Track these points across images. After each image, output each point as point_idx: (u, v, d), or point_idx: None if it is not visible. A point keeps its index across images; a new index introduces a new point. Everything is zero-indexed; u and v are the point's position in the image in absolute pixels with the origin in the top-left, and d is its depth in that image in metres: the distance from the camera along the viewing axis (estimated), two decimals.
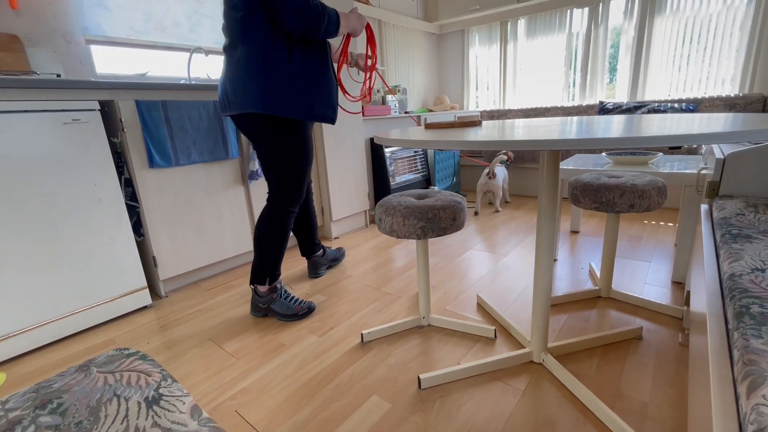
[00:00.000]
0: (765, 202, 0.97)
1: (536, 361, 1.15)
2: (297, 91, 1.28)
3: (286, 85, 1.26)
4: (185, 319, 1.55)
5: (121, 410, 0.39)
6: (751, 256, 0.67)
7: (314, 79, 1.31)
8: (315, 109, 1.34)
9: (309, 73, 1.30)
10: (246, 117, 1.31)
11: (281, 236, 1.46)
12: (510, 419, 0.95)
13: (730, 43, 2.80)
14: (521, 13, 3.53)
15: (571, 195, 1.42)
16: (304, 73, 1.28)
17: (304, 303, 1.52)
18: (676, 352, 1.16)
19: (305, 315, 1.50)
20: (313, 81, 1.31)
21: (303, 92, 1.29)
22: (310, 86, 1.31)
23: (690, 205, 1.53)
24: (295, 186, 1.44)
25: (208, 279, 1.94)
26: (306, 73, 1.29)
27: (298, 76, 1.27)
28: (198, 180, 1.79)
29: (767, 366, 0.41)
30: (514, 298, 1.54)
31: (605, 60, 3.31)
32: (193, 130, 1.72)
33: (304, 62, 1.28)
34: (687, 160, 1.82)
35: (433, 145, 0.80)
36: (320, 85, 1.33)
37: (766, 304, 0.52)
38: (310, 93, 1.31)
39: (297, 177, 1.43)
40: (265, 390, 1.11)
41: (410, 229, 1.16)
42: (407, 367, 1.17)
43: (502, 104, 3.91)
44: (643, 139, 0.57)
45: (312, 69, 1.30)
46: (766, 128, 0.54)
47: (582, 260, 1.87)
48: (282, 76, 1.25)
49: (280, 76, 1.25)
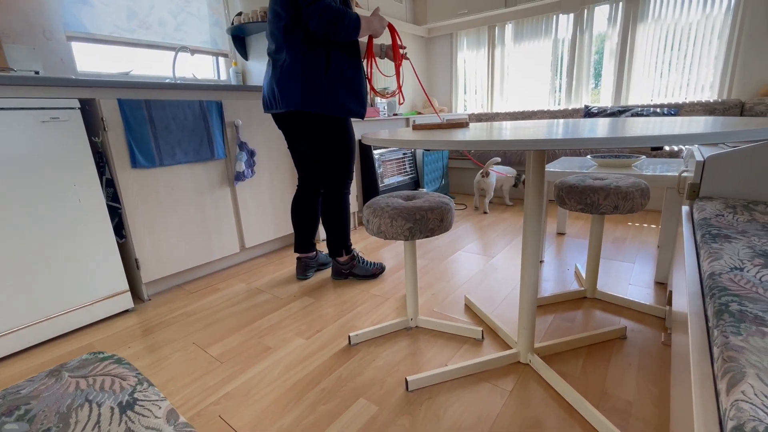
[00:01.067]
0: (743, 203, 0.99)
1: (523, 361, 1.16)
2: (332, 90, 1.44)
3: (323, 85, 1.42)
4: (168, 323, 1.51)
5: (92, 416, 0.37)
6: (730, 255, 0.68)
7: (347, 79, 1.47)
8: (347, 106, 1.49)
9: (343, 75, 1.45)
10: (290, 115, 1.50)
11: (345, 214, 1.72)
12: (497, 420, 0.95)
13: (709, 50, 2.88)
14: (508, 18, 3.58)
15: (557, 197, 1.44)
16: (338, 75, 1.44)
17: (377, 264, 1.85)
18: (659, 352, 1.18)
19: (380, 273, 1.85)
20: (346, 81, 1.46)
21: (337, 91, 1.45)
22: (344, 86, 1.46)
23: (672, 207, 1.56)
24: (341, 174, 1.65)
25: (192, 282, 1.90)
26: (340, 74, 1.45)
27: (333, 77, 1.43)
28: (183, 181, 1.76)
29: (746, 362, 0.41)
30: (502, 299, 1.55)
31: (590, 65, 3.38)
32: (177, 130, 1.69)
33: (339, 64, 1.43)
34: (669, 163, 1.86)
35: (421, 145, 0.80)
36: (352, 84, 1.49)
37: (744, 301, 0.53)
38: (343, 92, 1.47)
39: (342, 163, 1.63)
40: (249, 394, 1.09)
41: (398, 230, 1.15)
42: (395, 369, 1.16)
43: (489, 108, 3.95)
44: (627, 139, 0.58)
45: (345, 70, 1.46)
46: (741, 129, 0.56)
47: (568, 261, 1.89)
48: (319, 78, 1.41)
49: (318, 78, 1.41)
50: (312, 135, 1.55)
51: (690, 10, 2.88)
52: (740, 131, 0.55)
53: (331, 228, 1.73)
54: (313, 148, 1.59)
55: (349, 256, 1.79)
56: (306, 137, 1.57)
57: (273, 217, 2.19)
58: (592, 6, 3.22)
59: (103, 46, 2.01)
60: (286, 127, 1.58)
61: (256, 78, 2.45)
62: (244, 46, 2.45)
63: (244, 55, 2.47)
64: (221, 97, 1.89)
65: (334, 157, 1.61)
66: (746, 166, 1.04)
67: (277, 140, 2.14)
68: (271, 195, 2.16)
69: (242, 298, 1.69)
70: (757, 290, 0.56)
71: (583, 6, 3.25)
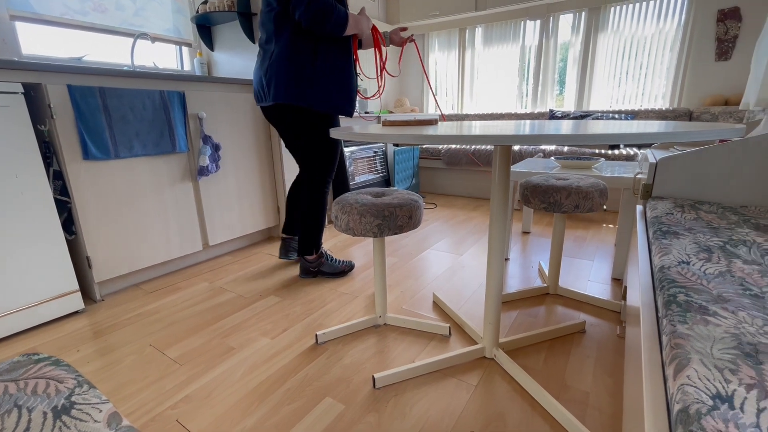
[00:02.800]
0: (690, 203, 1.06)
1: (488, 356, 1.18)
2: (319, 84, 1.41)
3: (310, 78, 1.39)
4: (123, 324, 1.43)
5: (21, 422, 0.34)
6: (678, 250, 0.72)
7: (336, 73, 1.43)
8: (332, 101, 1.46)
9: (331, 69, 1.42)
10: (276, 108, 1.47)
11: (320, 212, 1.68)
12: (462, 414, 0.97)
13: (662, 62, 3.07)
14: (478, 21, 3.66)
15: (522, 196, 1.48)
16: (325, 69, 1.41)
17: (346, 262, 1.81)
18: (614, 344, 1.24)
19: (349, 270, 1.82)
20: (334, 76, 1.43)
21: (323, 86, 1.42)
22: (332, 80, 1.43)
23: (627, 208, 1.65)
24: (322, 169, 1.61)
25: (151, 281, 1.80)
26: (327, 69, 1.41)
27: (320, 71, 1.40)
28: (141, 174, 1.66)
29: (691, 349, 0.43)
30: (469, 296, 1.57)
31: (555, 72, 3.51)
32: (135, 121, 1.60)
33: (326, 59, 1.40)
34: (625, 166, 1.96)
35: (392, 139, 0.79)
36: (341, 79, 1.45)
37: (690, 292, 0.56)
38: (331, 87, 1.43)
39: (324, 161, 1.60)
40: (210, 397, 1.05)
41: (366, 226, 1.14)
42: (362, 367, 1.15)
43: (460, 109, 4.02)
44: (588, 136, 0.60)
45: (333, 65, 1.42)
46: (684, 131, 0.59)
47: (532, 259, 1.95)
48: (307, 70, 1.38)
49: (305, 70, 1.38)
50: (297, 129, 1.53)
51: (645, 23, 3.05)
52: (684, 132, 0.59)
53: (304, 224, 1.69)
54: (298, 139, 1.57)
55: (317, 254, 1.76)
56: (293, 131, 1.54)
57: (239, 214, 2.12)
58: (557, 14, 3.35)
59: (53, 29, 1.87)
60: (274, 120, 1.55)
61: (222, 69, 2.36)
62: (209, 36, 2.36)
63: (209, 45, 2.37)
64: (184, 88, 1.80)
65: (316, 152, 1.58)
66: (692, 169, 1.11)
67: (244, 134, 2.08)
68: (237, 191, 2.09)
69: (205, 298, 1.62)
70: (702, 282, 0.59)
71: (549, 13, 3.37)
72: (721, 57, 2.81)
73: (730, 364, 0.40)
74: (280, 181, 2.27)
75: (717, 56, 2.83)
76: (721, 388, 0.37)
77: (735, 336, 0.45)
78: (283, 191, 2.28)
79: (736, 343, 0.44)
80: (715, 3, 2.77)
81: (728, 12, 2.72)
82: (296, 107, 1.44)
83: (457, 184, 3.51)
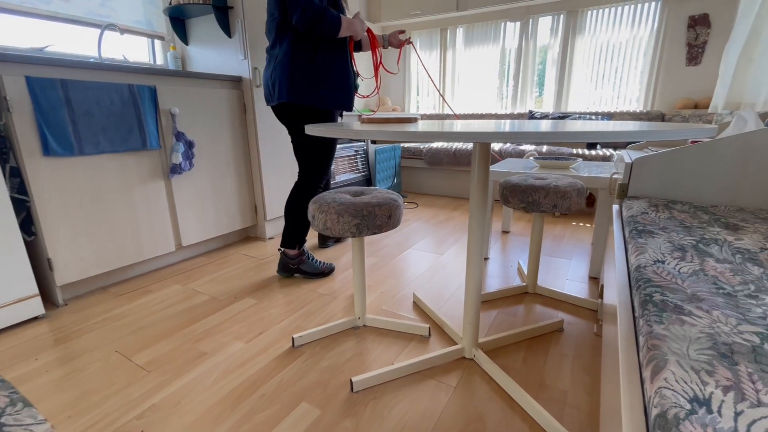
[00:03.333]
0: (664, 202, 1.07)
1: (467, 356, 1.17)
2: (317, 84, 1.50)
3: (308, 79, 1.48)
4: (87, 330, 1.35)
5: None
6: (653, 249, 0.72)
7: (333, 74, 1.52)
8: (331, 99, 1.55)
9: (329, 69, 1.51)
10: (281, 107, 1.56)
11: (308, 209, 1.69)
12: (441, 416, 0.95)
13: (636, 66, 3.16)
14: (460, 22, 3.67)
15: (501, 195, 1.48)
16: (324, 69, 1.50)
17: (326, 264, 1.80)
18: (591, 342, 1.25)
19: (329, 273, 1.79)
20: (332, 76, 1.52)
21: (322, 85, 1.51)
22: (329, 80, 1.52)
23: (604, 207, 1.67)
24: (317, 169, 1.66)
25: (120, 284, 1.72)
26: (326, 69, 1.51)
27: (319, 71, 1.49)
28: (109, 172, 1.58)
29: (668, 350, 0.43)
30: (449, 296, 1.56)
31: (534, 74, 3.56)
32: (102, 116, 1.52)
33: (325, 60, 1.50)
34: (602, 166, 2.00)
35: (371, 135, 0.77)
36: (338, 78, 1.54)
37: (666, 292, 0.56)
38: (328, 85, 1.52)
39: (319, 161, 1.65)
40: (179, 405, 1.00)
41: (345, 226, 1.11)
42: (340, 371, 1.12)
43: (441, 109, 4.03)
44: (566, 134, 0.59)
45: (331, 66, 1.52)
46: (660, 130, 0.59)
47: (511, 258, 1.97)
48: (306, 72, 1.48)
49: (306, 69, 1.48)
50: (300, 128, 1.59)
51: (620, 28, 3.13)
52: (660, 131, 0.58)
53: (292, 217, 1.68)
54: (301, 138, 1.62)
55: (299, 251, 1.73)
56: (297, 130, 1.59)
57: (214, 213, 2.05)
58: (536, 16, 3.40)
59: (11, 17, 1.76)
60: (281, 120, 1.62)
61: (197, 64, 2.28)
62: (184, 29, 2.27)
63: (183, 39, 2.29)
64: (155, 82, 1.73)
65: (312, 152, 1.63)
66: (666, 169, 1.13)
67: (219, 131, 2.01)
68: (212, 190, 2.02)
69: (176, 301, 1.56)
70: (676, 281, 0.59)
71: (529, 15, 3.42)
72: (692, 62, 2.91)
73: (706, 366, 0.40)
74: (258, 180, 2.21)
75: (688, 61, 2.92)
76: (698, 390, 0.36)
77: (710, 336, 0.45)
78: (261, 190, 2.22)
79: (711, 343, 0.43)
80: (686, 9, 2.86)
81: (698, 18, 2.82)
82: (298, 106, 1.53)
83: (438, 183, 3.52)
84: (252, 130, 2.15)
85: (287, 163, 2.35)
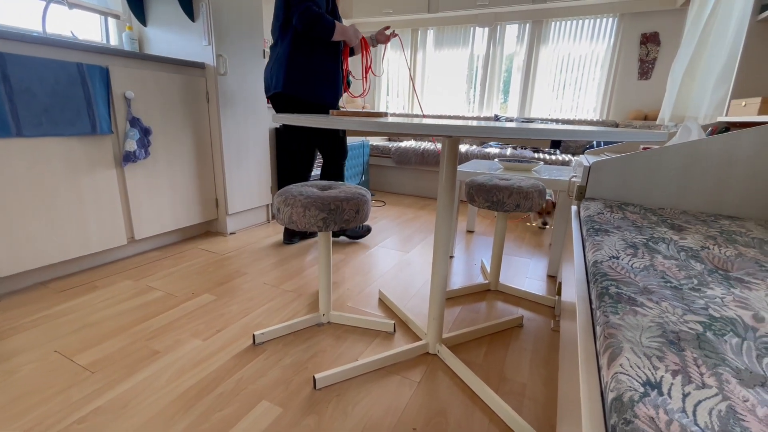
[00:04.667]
0: (618, 204, 1.14)
1: (431, 352, 1.18)
2: (308, 80, 1.69)
3: (301, 75, 1.68)
4: (22, 329, 1.23)
5: None
6: (609, 246, 0.76)
7: (323, 74, 1.72)
8: (318, 94, 1.73)
9: (320, 69, 1.70)
10: (275, 97, 1.75)
11: None
12: (405, 411, 0.95)
13: (594, 78, 3.34)
14: (430, 23, 3.72)
15: (467, 194, 1.51)
16: (316, 69, 1.69)
17: (365, 227, 2.17)
18: (548, 337, 1.30)
19: (366, 234, 2.18)
20: (322, 75, 1.71)
21: (312, 81, 1.70)
22: (319, 78, 1.71)
23: (562, 210, 1.75)
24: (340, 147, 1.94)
25: (62, 279, 1.59)
26: (318, 68, 1.70)
27: (311, 70, 1.69)
28: (52, 156, 1.46)
29: (623, 338, 0.45)
30: (415, 293, 1.58)
31: (500, 81, 3.67)
32: (45, 95, 1.40)
33: (320, 61, 1.69)
34: (561, 170, 2.09)
35: (341, 124, 0.75)
36: (327, 78, 1.74)
37: (620, 285, 0.59)
38: (317, 83, 1.71)
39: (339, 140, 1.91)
40: (127, 407, 0.93)
41: (311, 220, 1.09)
42: (303, 368, 1.10)
43: (410, 109, 4.06)
44: (533, 130, 0.60)
45: (325, 66, 1.71)
46: (618, 131, 0.62)
47: (475, 257, 2.01)
48: (300, 69, 1.67)
49: (301, 66, 1.67)
50: None
51: (581, 40, 3.30)
52: (619, 132, 0.61)
53: None
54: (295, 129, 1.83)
55: None
56: None
57: (171, 205, 1.94)
58: (504, 23, 3.51)
59: None
60: (276, 109, 1.80)
61: (156, 47, 2.15)
62: (142, 8, 2.14)
63: (141, 19, 2.15)
64: (108, 63, 1.61)
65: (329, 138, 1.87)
66: (620, 173, 1.20)
67: (179, 119, 1.91)
68: (170, 180, 1.92)
69: (127, 297, 1.46)
70: (629, 275, 0.63)
71: (497, 22, 3.52)
72: (643, 76, 3.12)
73: (657, 352, 0.42)
74: (220, 172, 2.12)
75: (639, 75, 3.13)
76: (650, 374, 0.38)
77: (660, 325, 0.47)
78: (222, 183, 2.13)
79: (661, 331, 0.46)
80: (639, 27, 3.07)
81: (650, 36, 3.03)
82: (291, 97, 1.72)
83: (406, 183, 3.54)
84: (215, 120, 2.05)
85: (252, 155, 2.28)
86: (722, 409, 0.34)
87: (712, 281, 0.61)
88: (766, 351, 0.43)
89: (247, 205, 2.31)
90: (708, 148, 1.10)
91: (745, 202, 1.09)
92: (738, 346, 0.44)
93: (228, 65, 2.04)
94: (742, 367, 0.40)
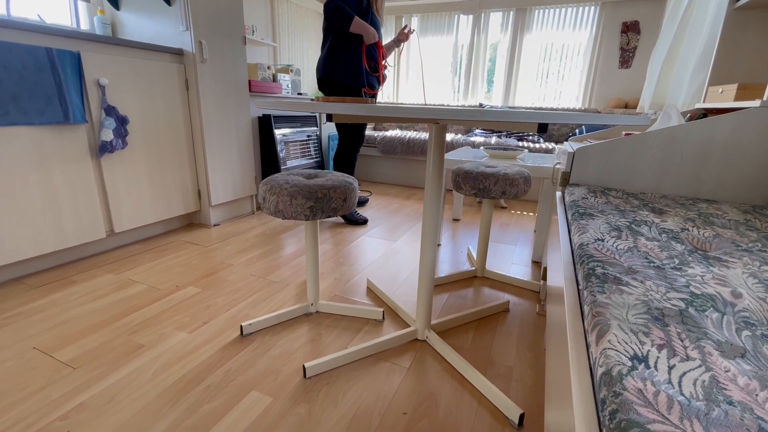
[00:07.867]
0: (601, 189, 1.16)
1: (420, 338, 1.19)
2: (341, 66, 2.04)
3: (336, 63, 2.04)
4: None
5: None
6: (594, 229, 0.77)
7: (353, 62, 2.06)
8: (349, 76, 2.06)
9: (350, 59, 2.05)
10: (321, 80, 2.11)
11: (350, 169, 2.28)
12: (395, 397, 0.96)
13: (576, 66, 3.37)
14: (415, 10, 3.67)
15: (453, 182, 1.51)
16: (348, 59, 2.05)
17: (362, 216, 2.35)
18: (534, 320, 1.33)
19: (363, 223, 2.31)
20: (351, 64, 2.05)
21: (343, 67, 2.04)
22: (349, 66, 2.05)
23: (546, 197, 1.78)
24: (346, 138, 2.21)
25: (37, 274, 1.53)
26: (349, 59, 2.05)
27: (344, 59, 2.04)
28: (21, 147, 1.39)
29: (610, 316, 0.46)
30: (403, 281, 1.58)
31: (484, 71, 3.67)
32: (12, 82, 1.33)
33: (349, 53, 2.05)
34: (545, 158, 2.12)
35: (327, 109, 0.73)
36: (354, 66, 2.06)
37: (606, 266, 0.60)
38: (347, 69, 2.05)
39: (353, 127, 2.20)
40: (111, 403, 0.91)
41: (298, 209, 1.07)
42: (292, 357, 1.09)
43: (396, 99, 4.03)
44: (521, 113, 0.60)
45: (352, 57, 2.06)
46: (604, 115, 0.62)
47: (461, 245, 2.03)
48: (335, 59, 2.04)
49: (336, 59, 2.04)
50: None
51: (564, 29, 3.32)
52: (604, 115, 0.62)
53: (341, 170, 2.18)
54: None
55: None
56: None
57: (152, 197, 1.89)
58: (488, 11, 3.49)
59: None
60: (323, 92, 2.14)
61: (130, 32, 2.06)
62: None
63: (114, 3, 2.06)
64: (79, 48, 1.54)
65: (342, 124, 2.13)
66: (603, 159, 1.22)
67: (158, 107, 1.84)
68: (150, 171, 1.86)
69: (108, 291, 1.42)
70: (614, 256, 0.64)
71: (481, 9, 3.50)
72: (624, 65, 3.16)
73: (643, 328, 0.43)
74: (202, 162, 2.07)
75: (620, 64, 3.17)
76: (637, 349, 0.39)
77: (645, 303, 0.49)
78: (205, 173, 2.08)
79: (646, 308, 0.47)
80: (620, 15, 3.10)
81: (630, 24, 3.06)
82: (327, 79, 2.08)
83: (392, 172, 3.53)
84: (195, 109, 2.00)
85: (234, 146, 2.23)
86: (706, 379, 0.35)
87: (693, 261, 0.63)
88: (744, 324, 0.45)
89: (231, 196, 2.26)
90: (687, 134, 1.12)
91: (721, 187, 1.12)
92: (718, 321, 0.45)
93: (208, 52, 1.97)
94: (722, 340, 0.41)
